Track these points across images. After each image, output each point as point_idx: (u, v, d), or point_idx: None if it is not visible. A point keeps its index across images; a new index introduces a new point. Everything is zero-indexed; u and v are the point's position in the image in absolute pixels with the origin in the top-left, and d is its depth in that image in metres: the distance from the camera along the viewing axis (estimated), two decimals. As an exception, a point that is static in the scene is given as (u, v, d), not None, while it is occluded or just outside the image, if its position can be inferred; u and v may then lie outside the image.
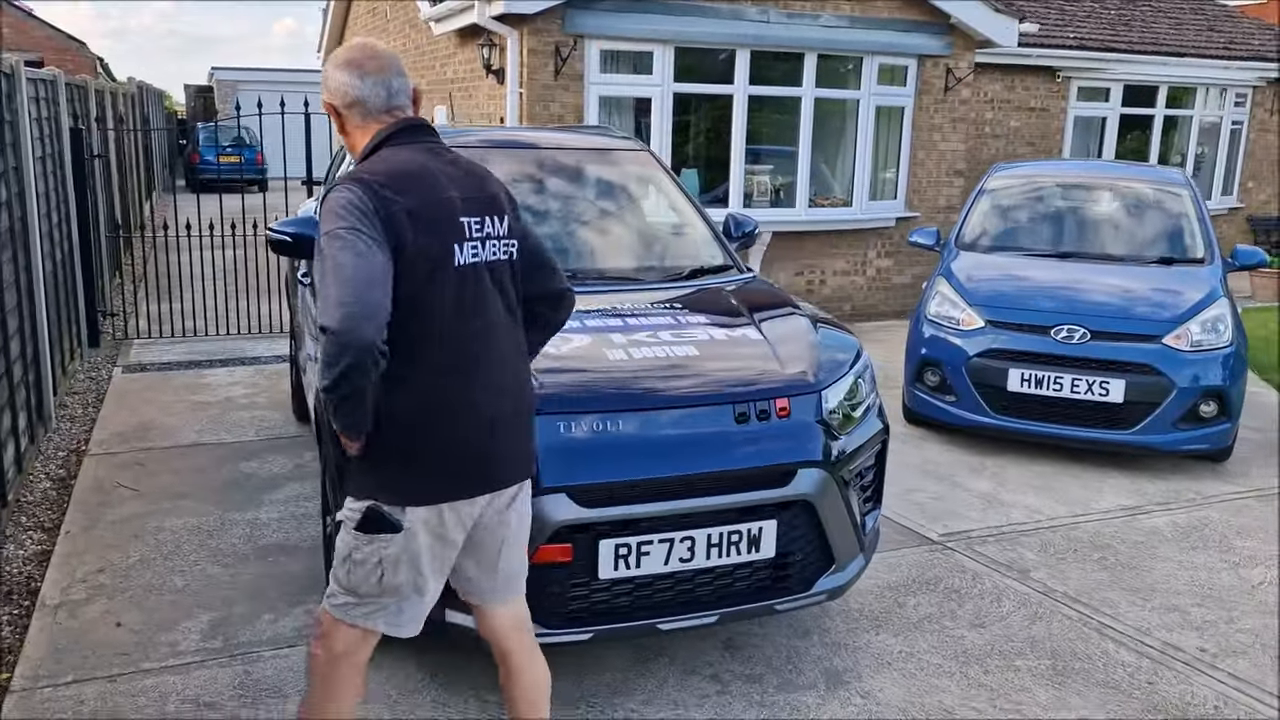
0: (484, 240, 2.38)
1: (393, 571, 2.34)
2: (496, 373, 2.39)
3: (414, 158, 2.36)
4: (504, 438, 2.40)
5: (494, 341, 2.39)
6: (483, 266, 2.38)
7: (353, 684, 2.48)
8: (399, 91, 2.42)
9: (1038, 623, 3.86)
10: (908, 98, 9.64)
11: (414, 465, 2.31)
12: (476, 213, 2.38)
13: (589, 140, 4.83)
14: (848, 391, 3.46)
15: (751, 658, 3.55)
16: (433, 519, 2.32)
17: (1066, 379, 5.47)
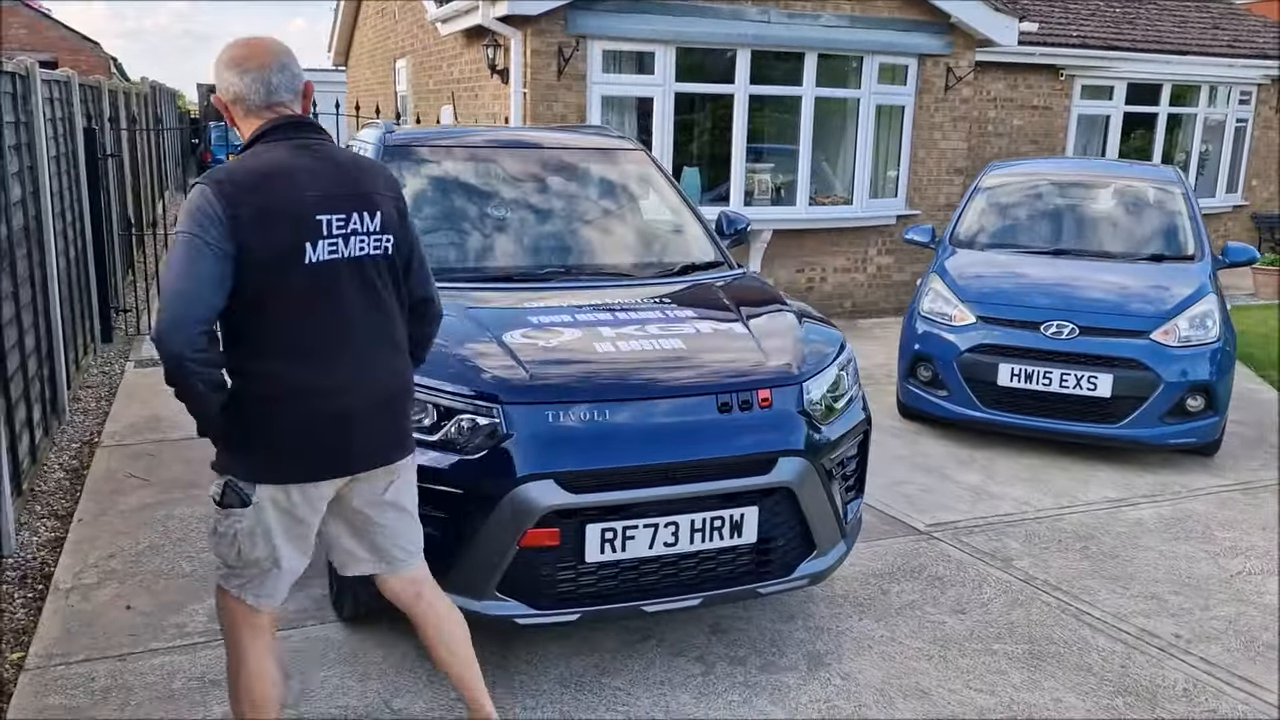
0: (346, 237, 2.44)
1: (249, 545, 2.48)
2: (354, 365, 2.47)
3: (277, 156, 2.43)
4: (360, 427, 2.49)
5: (351, 335, 2.47)
6: (343, 263, 2.44)
7: (258, 650, 2.61)
8: (280, 88, 2.47)
9: (1017, 609, 3.97)
10: (908, 96, 9.74)
11: (262, 447, 2.43)
12: (340, 210, 2.43)
13: (584, 139, 4.97)
14: (830, 384, 3.58)
15: (737, 641, 3.67)
16: (280, 497, 2.46)
17: (1055, 374, 5.57)
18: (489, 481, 3.05)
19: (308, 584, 4.01)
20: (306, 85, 2.56)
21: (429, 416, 3.15)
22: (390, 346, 2.58)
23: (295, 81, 2.52)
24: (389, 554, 2.72)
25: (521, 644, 3.58)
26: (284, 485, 2.45)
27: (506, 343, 3.36)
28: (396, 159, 4.49)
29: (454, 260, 4.21)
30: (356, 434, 2.50)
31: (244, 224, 2.32)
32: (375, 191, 2.53)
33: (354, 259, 2.46)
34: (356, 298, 2.48)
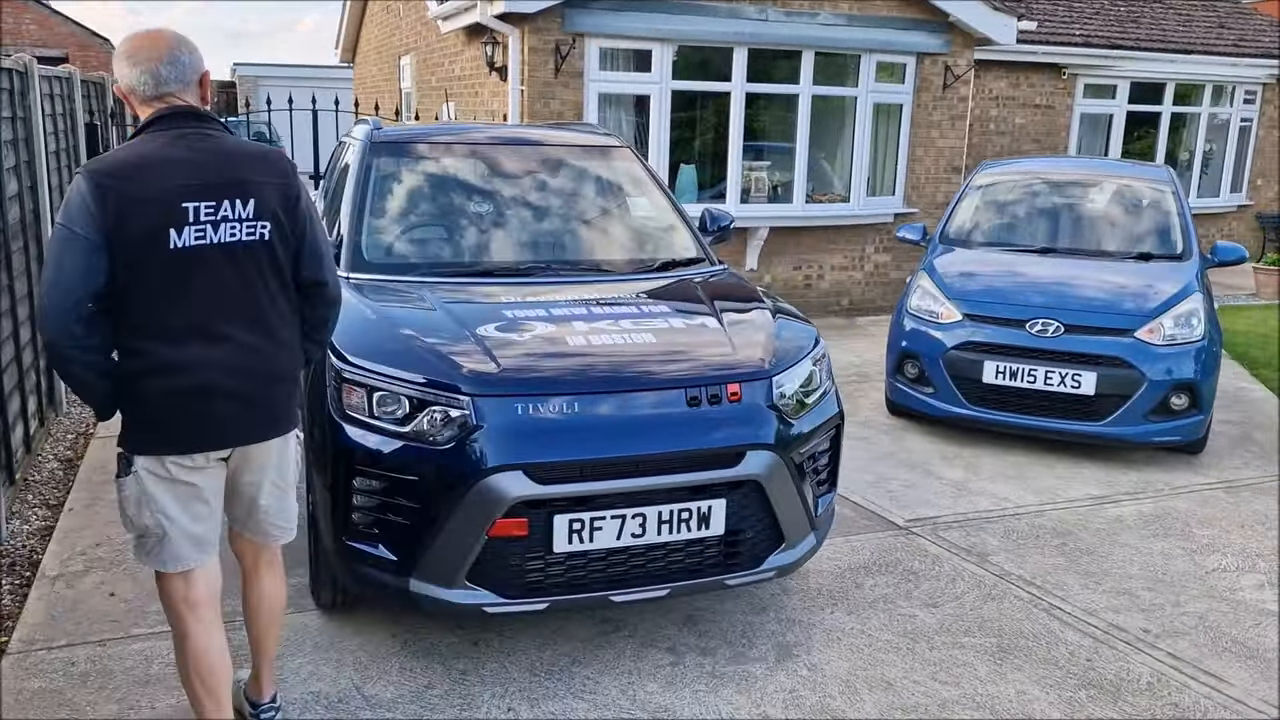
0: (216, 224, 2.54)
1: (136, 511, 2.63)
2: (221, 346, 2.58)
3: (153, 146, 2.55)
4: (230, 404, 2.61)
5: (219, 317, 2.58)
6: (212, 248, 2.54)
7: (198, 626, 2.72)
8: (169, 79, 2.59)
9: (989, 603, 4.01)
10: (906, 95, 9.75)
11: (138, 420, 2.60)
12: (209, 198, 2.53)
13: (569, 136, 5.02)
14: (803, 379, 3.62)
15: (708, 632, 3.72)
16: (157, 467, 2.60)
17: (1040, 371, 5.59)
18: (458, 472, 3.10)
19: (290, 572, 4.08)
20: (203, 76, 2.68)
21: (401, 408, 3.21)
22: (263, 329, 2.66)
23: (187, 73, 2.62)
24: (264, 528, 2.87)
25: (495, 633, 3.64)
26: (159, 456, 2.59)
27: (479, 336, 3.41)
28: (382, 155, 4.56)
29: (434, 255, 4.27)
30: (226, 411, 2.61)
31: (111, 212, 2.44)
32: (253, 180, 2.61)
33: (224, 244, 2.56)
34: (226, 281, 2.58)
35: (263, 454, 2.73)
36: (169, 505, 2.62)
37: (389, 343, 3.40)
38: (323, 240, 2.80)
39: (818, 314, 9.81)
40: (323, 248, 2.79)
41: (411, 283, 3.91)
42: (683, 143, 9.23)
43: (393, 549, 3.22)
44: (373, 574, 3.27)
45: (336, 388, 3.31)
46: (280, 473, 2.81)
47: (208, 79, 2.72)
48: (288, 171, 2.71)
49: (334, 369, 3.34)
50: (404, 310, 3.66)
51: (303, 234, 2.72)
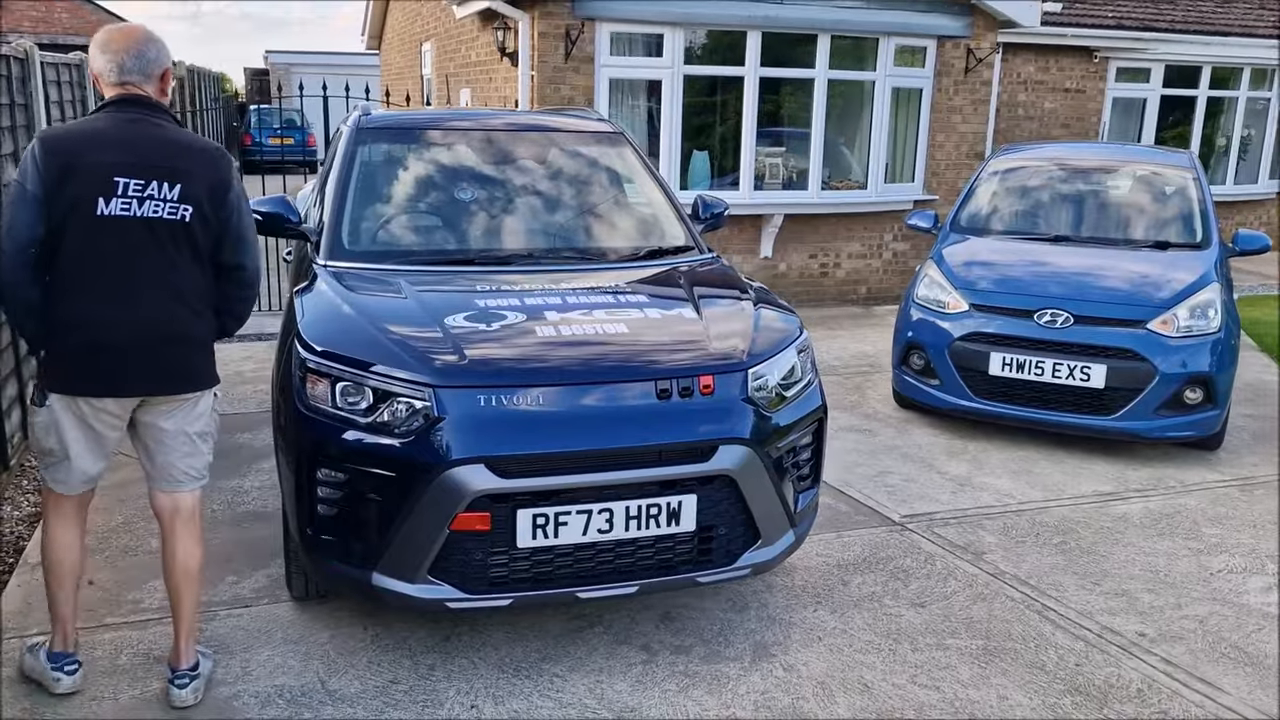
0: (141, 199, 2.88)
1: (44, 436, 3.01)
2: (130, 305, 2.90)
3: (102, 124, 2.93)
4: (134, 358, 2.93)
5: (131, 279, 2.90)
6: (133, 220, 2.87)
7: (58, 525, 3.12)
8: (131, 70, 2.96)
9: (979, 604, 3.89)
10: (926, 79, 9.55)
11: (56, 362, 2.95)
12: (139, 175, 2.87)
13: (561, 121, 4.92)
14: (784, 371, 3.51)
15: (684, 629, 3.64)
16: (70, 404, 2.95)
17: (1048, 363, 5.43)
18: (420, 464, 3.04)
19: (266, 564, 4.05)
20: (165, 71, 3.05)
21: (364, 399, 3.15)
22: (170, 295, 2.96)
23: (149, 66, 3.00)
24: (168, 473, 3.15)
25: (467, 628, 3.58)
26: (70, 396, 2.95)
27: (446, 326, 3.34)
28: (367, 142, 4.50)
29: (414, 243, 4.20)
30: (131, 364, 2.93)
31: (53, 175, 2.82)
32: (185, 169, 2.94)
33: (145, 218, 2.89)
34: (142, 249, 2.90)
35: (169, 405, 3.05)
36: (73, 438, 2.99)
37: (355, 332, 3.34)
38: (248, 228, 3.11)
39: (834, 303, 9.66)
40: (247, 234, 3.10)
41: (388, 271, 3.85)
42: (696, 129, 9.11)
43: (356, 543, 3.17)
44: (337, 568, 3.22)
45: (301, 378, 3.26)
46: (189, 424, 3.11)
47: (169, 75, 3.08)
48: (220, 166, 3.04)
49: (299, 359, 3.29)
50: (375, 299, 3.60)
51: (227, 221, 3.04)
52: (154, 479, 3.17)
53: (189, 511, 3.19)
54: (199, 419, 3.13)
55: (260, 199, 4.27)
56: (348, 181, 4.29)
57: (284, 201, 4.22)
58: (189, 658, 3.17)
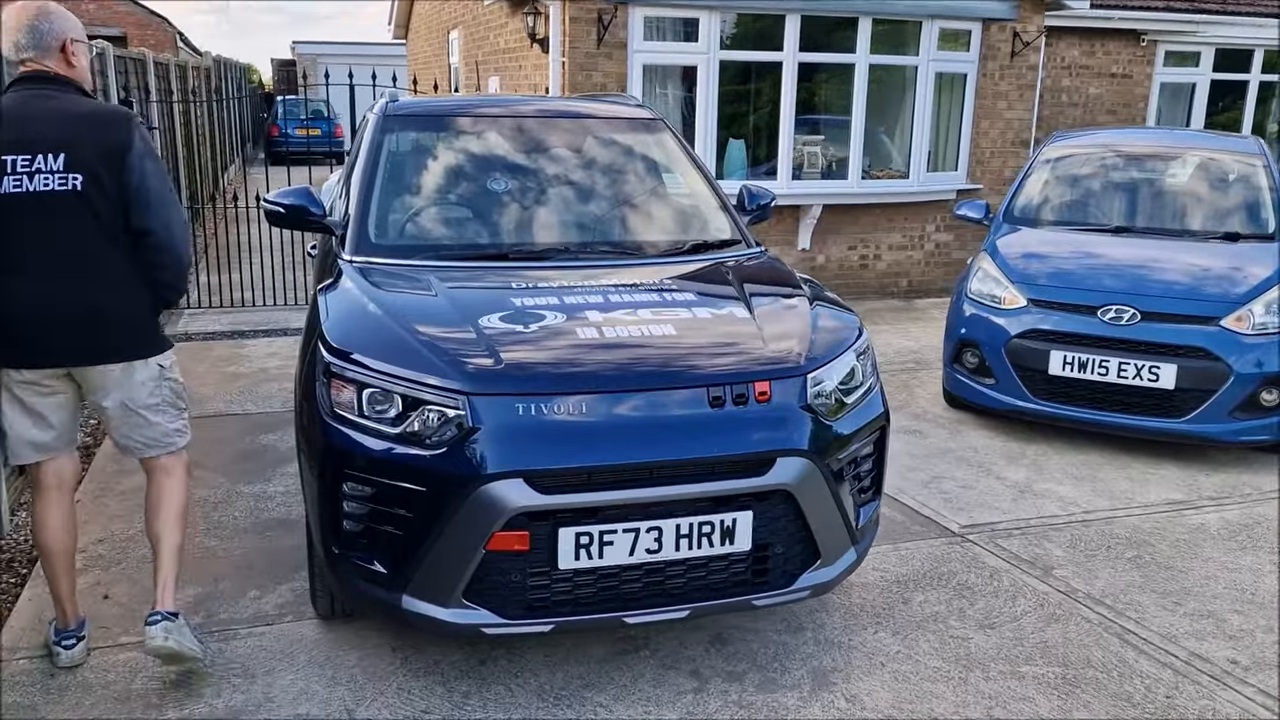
0: (31, 174, 2.90)
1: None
2: (35, 278, 2.93)
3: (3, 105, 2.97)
4: (63, 331, 2.98)
5: (34, 255, 2.93)
6: (27, 195, 2.90)
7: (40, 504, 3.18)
8: (26, 46, 3.00)
9: (1053, 625, 3.60)
10: (970, 64, 9.19)
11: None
12: (26, 150, 2.90)
13: (597, 108, 4.66)
14: (843, 375, 3.24)
15: (737, 653, 3.38)
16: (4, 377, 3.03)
17: (1113, 362, 5.12)
18: (453, 479, 2.79)
19: (290, 576, 3.83)
20: (63, 43, 3.04)
21: (393, 407, 2.91)
22: (77, 268, 2.97)
23: (44, 40, 3.01)
24: (125, 444, 3.23)
25: (503, 651, 3.34)
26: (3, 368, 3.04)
27: (481, 327, 3.09)
28: (395, 130, 4.26)
29: (443, 237, 3.96)
30: (57, 337, 2.98)
31: None
32: (70, 137, 2.93)
33: (36, 193, 2.90)
34: (42, 225, 2.93)
35: (101, 378, 3.07)
36: (9, 409, 3.07)
37: (382, 334, 3.09)
38: (154, 191, 3.03)
39: (874, 296, 9.35)
40: (152, 198, 3.03)
41: (418, 267, 3.61)
42: (732, 117, 8.80)
43: (385, 562, 2.93)
44: (365, 588, 2.99)
45: (325, 383, 3.03)
46: (129, 397, 3.12)
47: (69, 45, 3.07)
48: (115, 128, 3.00)
49: (323, 362, 3.05)
50: (403, 297, 3.36)
51: (128, 185, 2.99)
52: (120, 447, 3.27)
53: (164, 470, 3.27)
54: (139, 390, 3.13)
55: (282, 190, 4.04)
56: (374, 172, 4.05)
57: (307, 193, 3.99)
58: (167, 603, 3.16)
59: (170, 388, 3.23)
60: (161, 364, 3.20)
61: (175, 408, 3.26)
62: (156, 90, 9.86)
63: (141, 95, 9.08)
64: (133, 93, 8.47)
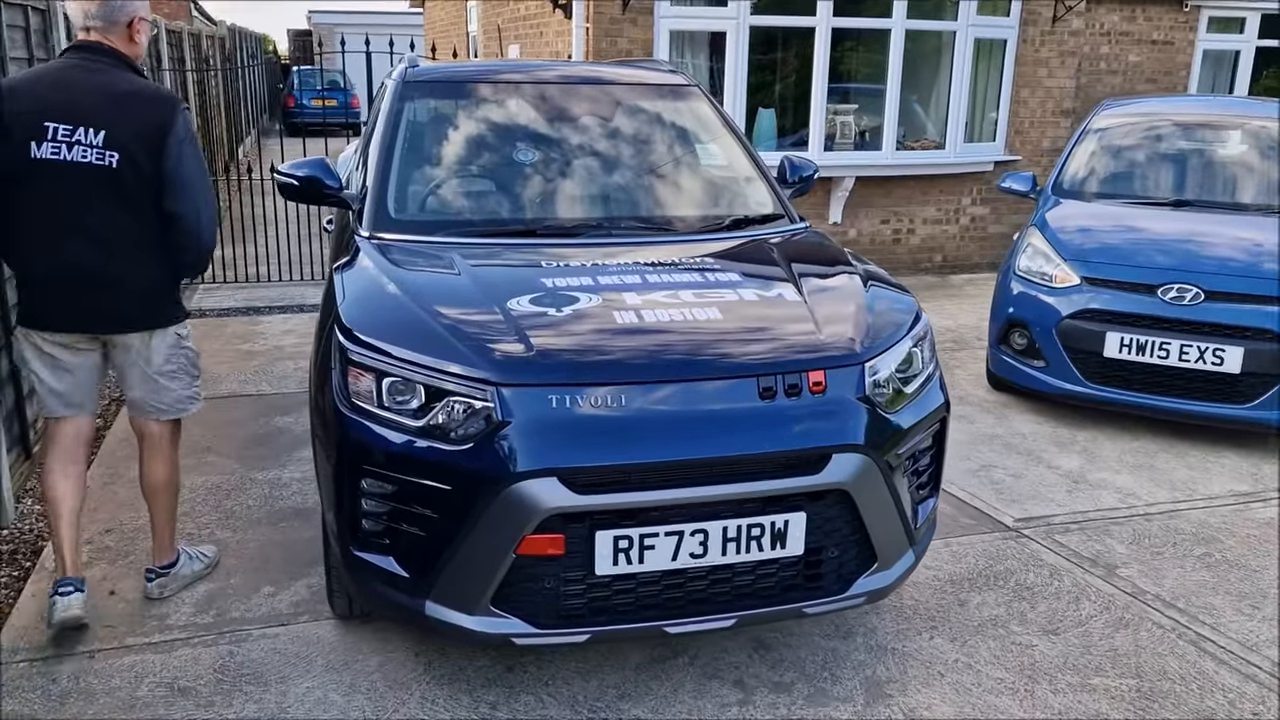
0: (70, 144, 2.99)
1: (22, 364, 3.28)
2: (58, 247, 3.05)
3: (48, 70, 3.13)
4: (60, 296, 3.10)
5: (63, 222, 3.04)
6: (63, 164, 2.99)
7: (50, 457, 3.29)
8: (94, 15, 3.07)
9: (1122, 631, 3.35)
10: (1010, 29, 8.83)
11: (20, 297, 3.20)
12: (69, 120, 3.00)
13: (628, 74, 4.38)
14: (900, 362, 2.98)
15: (783, 661, 3.15)
16: (32, 335, 3.19)
17: (1174, 345, 4.83)
18: (481, 477, 2.56)
19: (307, 572, 3.62)
20: (131, 20, 3.12)
21: (415, 397, 2.67)
22: (91, 239, 3.06)
23: (115, 14, 3.09)
24: (136, 404, 3.36)
25: (532, 658, 3.12)
26: (29, 329, 3.19)
27: (510, 310, 2.84)
28: (415, 97, 4.00)
29: (468, 212, 3.71)
30: (85, 301, 3.12)
31: (4, 118, 2.97)
32: (114, 116, 3.01)
33: (73, 162, 3.00)
34: (69, 193, 3.03)
35: (123, 344, 3.22)
36: (39, 366, 3.22)
37: (403, 318, 2.85)
38: (189, 176, 3.12)
39: (908, 271, 9.05)
40: (186, 183, 3.11)
41: (440, 244, 3.36)
42: (761, 85, 8.48)
43: (406, 565, 2.71)
44: (385, 592, 2.76)
45: (342, 371, 2.79)
46: (147, 363, 3.26)
47: (137, 24, 3.16)
48: (160, 112, 3.08)
49: (339, 348, 2.81)
50: (426, 277, 3.11)
51: (164, 169, 3.07)
52: (127, 404, 3.41)
53: (155, 437, 3.38)
54: (157, 357, 3.26)
55: (296, 162, 3.79)
56: (393, 142, 3.79)
57: (322, 165, 3.73)
58: (165, 556, 3.45)
59: (186, 356, 3.37)
60: (179, 333, 3.33)
61: (189, 375, 3.40)
62: (170, 59, 9.60)
63: (153, 64, 8.82)
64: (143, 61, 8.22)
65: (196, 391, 3.45)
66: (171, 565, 3.46)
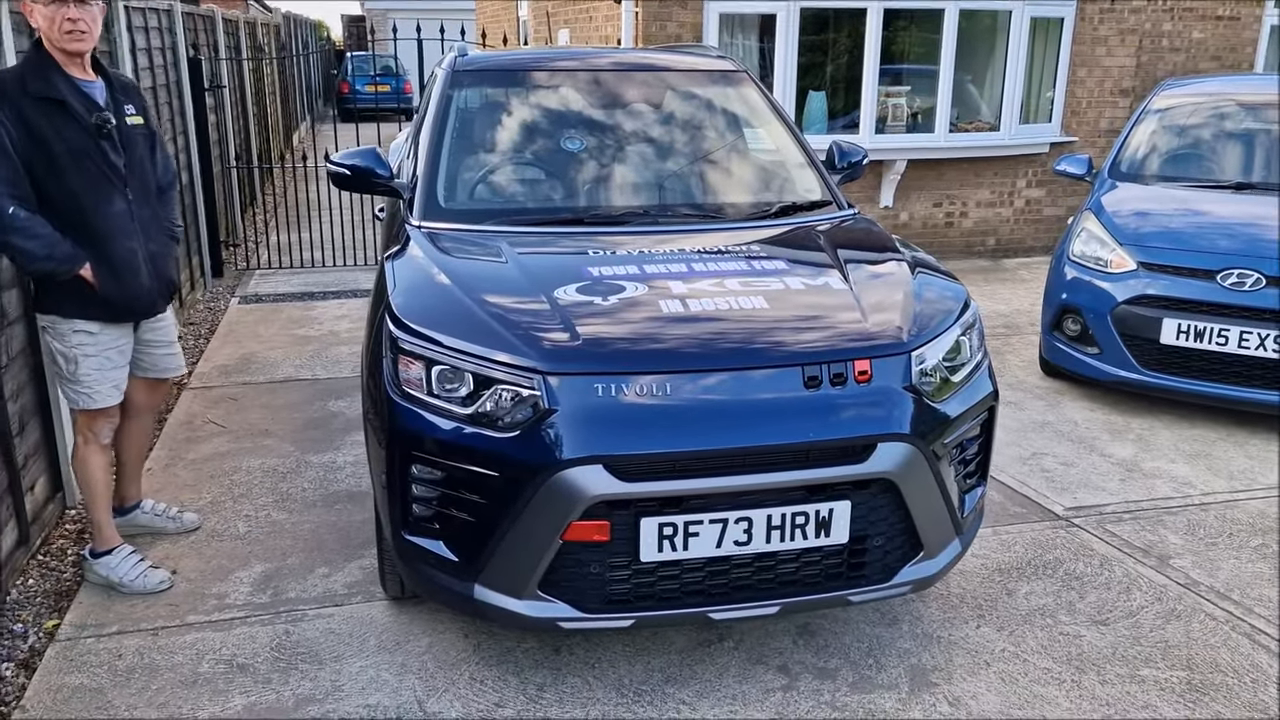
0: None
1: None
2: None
3: None
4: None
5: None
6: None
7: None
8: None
9: (1174, 622, 3.31)
10: (1068, 7, 8.63)
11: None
12: None
13: (675, 60, 4.38)
14: (948, 351, 2.96)
15: (827, 647, 3.16)
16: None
17: (1234, 331, 4.72)
18: (527, 464, 2.60)
19: (359, 554, 3.71)
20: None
21: (464, 386, 2.71)
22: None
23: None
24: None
25: (579, 640, 3.17)
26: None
27: (557, 299, 2.87)
28: (464, 86, 4.04)
29: (515, 200, 3.75)
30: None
31: None
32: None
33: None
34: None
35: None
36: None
37: (453, 307, 2.90)
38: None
39: (960, 255, 8.93)
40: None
41: (488, 233, 3.40)
42: (812, 67, 8.40)
43: (455, 549, 2.76)
44: (435, 575, 2.82)
45: (393, 359, 2.84)
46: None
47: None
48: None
49: (390, 337, 2.87)
50: (475, 266, 3.16)
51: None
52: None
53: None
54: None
55: (348, 152, 3.87)
56: (443, 131, 3.84)
57: (373, 154, 3.80)
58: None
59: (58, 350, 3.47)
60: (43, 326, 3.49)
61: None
62: (226, 48, 9.78)
63: (211, 53, 8.99)
64: (201, 50, 8.38)
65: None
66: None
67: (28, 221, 3.07)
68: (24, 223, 3.06)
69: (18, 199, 3.06)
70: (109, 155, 3.23)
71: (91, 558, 3.52)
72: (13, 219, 3.04)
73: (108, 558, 3.49)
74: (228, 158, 9.15)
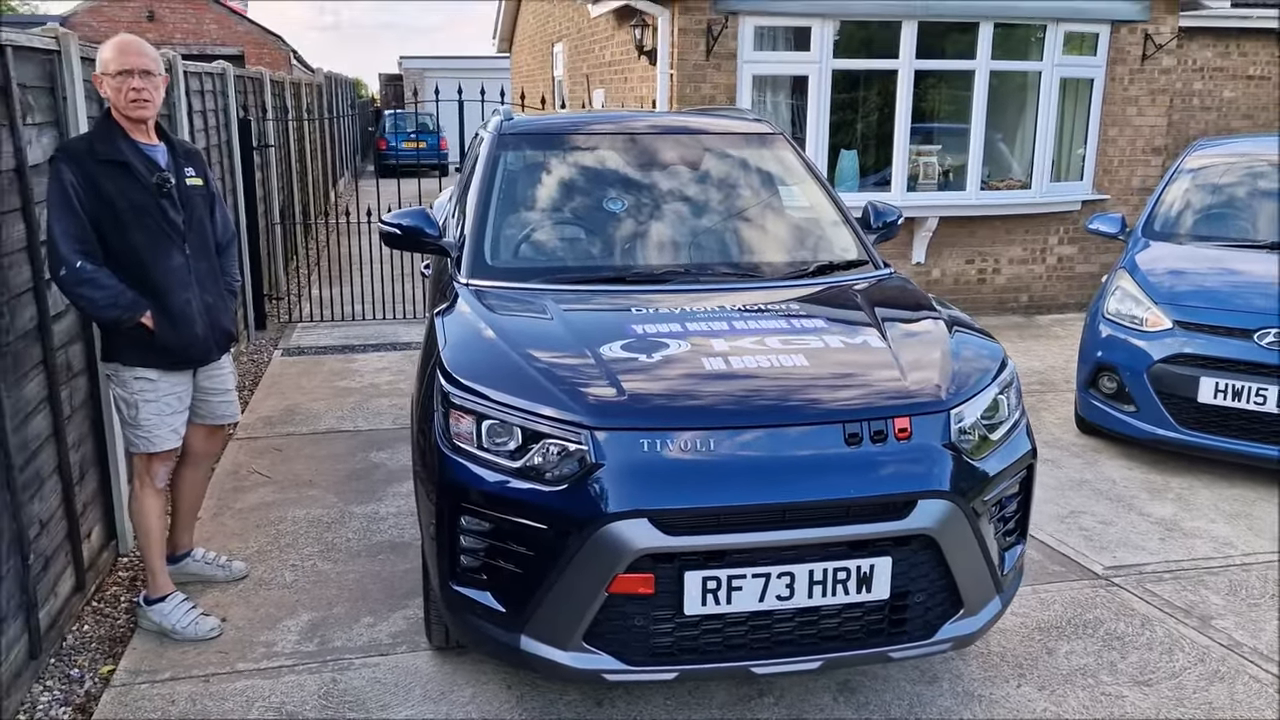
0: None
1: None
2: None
3: None
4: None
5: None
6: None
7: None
8: None
9: (1217, 685, 3.29)
10: (1098, 68, 8.74)
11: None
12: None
13: (713, 123, 4.51)
14: (986, 409, 3.01)
15: (867, 704, 3.17)
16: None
17: (1272, 391, 4.72)
18: (574, 518, 2.67)
19: (404, 603, 3.77)
20: None
21: (512, 440, 2.80)
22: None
23: None
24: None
25: (622, 693, 3.20)
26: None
27: (602, 356, 2.96)
28: (510, 148, 4.18)
29: (560, 259, 3.86)
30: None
31: None
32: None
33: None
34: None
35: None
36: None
37: (502, 363, 2.99)
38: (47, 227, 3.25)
39: (993, 312, 8.97)
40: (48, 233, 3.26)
41: (534, 290, 3.51)
42: (843, 126, 8.55)
43: (502, 600, 2.82)
44: (482, 626, 2.88)
45: (444, 412, 2.94)
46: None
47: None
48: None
49: (441, 391, 2.96)
50: (522, 322, 3.26)
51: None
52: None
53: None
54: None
55: (399, 212, 4.01)
56: (490, 192, 3.98)
57: (423, 215, 3.94)
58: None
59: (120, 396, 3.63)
60: (108, 374, 3.63)
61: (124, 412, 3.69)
62: (273, 108, 10.09)
63: (259, 113, 9.29)
64: (250, 111, 8.67)
65: None
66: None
67: (95, 274, 3.24)
68: (91, 274, 3.23)
69: (85, 254, 3.24)
70: (168, 213, 3.39)
71: (145, 605, 3.61)
72: (79, 271, 3.21)
73: (161, 605, 3.58)
74: (272, 214, 9.41)
